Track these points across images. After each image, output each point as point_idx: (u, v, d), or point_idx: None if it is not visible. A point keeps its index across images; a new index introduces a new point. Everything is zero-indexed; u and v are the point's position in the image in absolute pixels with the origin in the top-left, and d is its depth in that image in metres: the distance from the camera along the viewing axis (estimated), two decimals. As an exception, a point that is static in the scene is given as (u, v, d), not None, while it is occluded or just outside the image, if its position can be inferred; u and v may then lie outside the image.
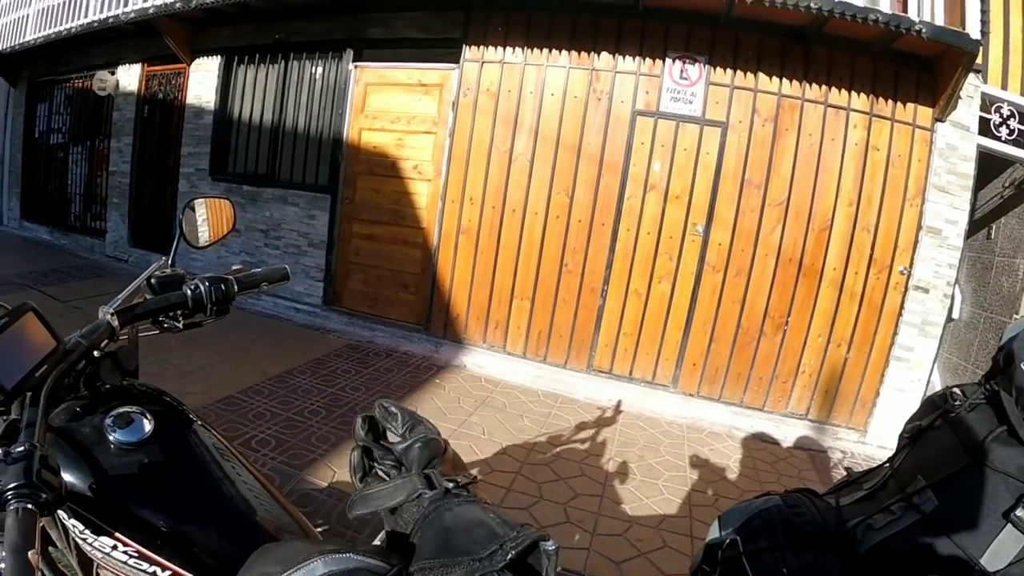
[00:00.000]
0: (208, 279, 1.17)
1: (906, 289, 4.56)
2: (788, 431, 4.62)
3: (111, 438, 0.92)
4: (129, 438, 0.93)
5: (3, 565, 0.59)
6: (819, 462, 4.21)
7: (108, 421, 0.94)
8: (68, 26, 7.51)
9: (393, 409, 0.73)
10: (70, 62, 8.33)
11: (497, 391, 4.67)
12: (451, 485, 0.63)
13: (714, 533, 1.23)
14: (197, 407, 3.81)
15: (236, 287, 1.21)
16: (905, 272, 4.56)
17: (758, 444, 4.39)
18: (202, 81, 6.67)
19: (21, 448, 0.69)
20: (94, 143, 8.30)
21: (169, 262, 1.21)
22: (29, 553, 0.59)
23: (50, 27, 7.89)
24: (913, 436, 1.22)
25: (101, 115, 8.02)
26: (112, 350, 1.06)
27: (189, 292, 1.14)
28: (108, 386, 1.04)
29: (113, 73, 7.69)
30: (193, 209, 1.37)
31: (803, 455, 4.30)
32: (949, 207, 4.43)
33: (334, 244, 5.95)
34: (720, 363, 4.91)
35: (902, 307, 4.58)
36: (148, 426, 0.95)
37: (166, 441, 0.97)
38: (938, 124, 4.42)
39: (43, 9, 8.10)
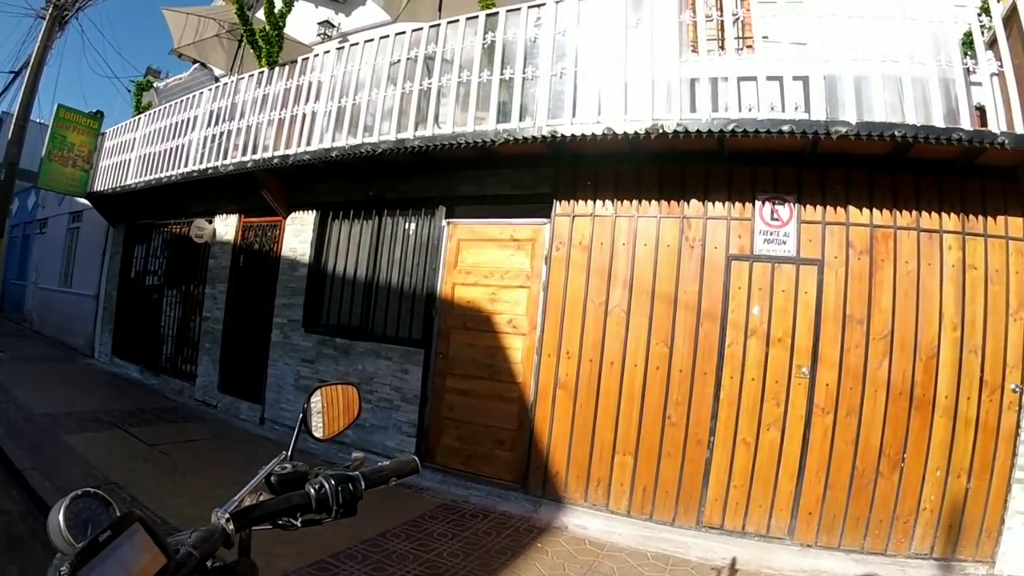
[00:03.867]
0: (334, 476, 1.09)
1: (1020, 407, 4.36)
2: (914, 573, 4.34)
3: None
4: None
5: None
6: None
7: None
8: (168, 173, 8.07)
9: None
10: (169, 207, 8.89)
11: (603, 555, 4.47)
12: None
13: None
14: (288, 571, 3.76)
15: (363, 484, 1.12)
16: (1018, 390, 4.36)
17: None
18: (297, 234, 7.01)
19: None
20: (189, 287, 8.70)
21: (289, 455, 1.12)
22: None
23: (151, 173, 8.47)
24: None
25: (197, 261, 8.44)
26: (229, 564, 0.97)
27: (313, 492, 1.06)
28: None
29: (211, 221, 8.15)
30: (316, 398, 1.27)
31: None
32: None
33: (427, 399, 5.97)
34: (837, 509, 4.65)
35: (1019, 426, 4.36)
36: None
37: None
38: None
39: (145, 155, 8.73)
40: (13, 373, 8.40)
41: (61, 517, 0.86)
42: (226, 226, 7.97)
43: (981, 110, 4.10)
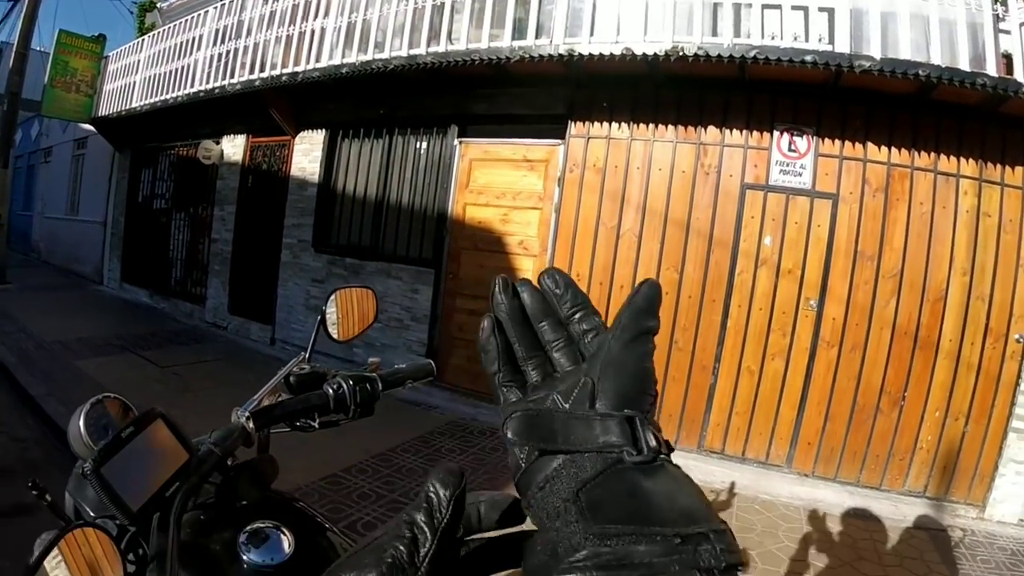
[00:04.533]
0: (352, 377, 1.08)
1: (1023, 357, 4.38)
2: (906, 510, 4.40)
3: (245, 558, 0.82)
4: (266, 559, 0.83)
5: None
6: (940, 542, 4.00)
7: (242, 538, 0.84)
8: (174, 95, 7.94)
9: (562, 282, 0.44)
10: (175, 130, 8.75)
11: (606, 471, 4.57)
12: (663, 450, 0.38)
13: None
14: (299, 485, 3.82)
15: (380, 385, 1.12)
16: (1022, 340, 4.38)
17: (876, 525, 4.18)
18: (307, 153, 6.94)
19: None
20: (197, 210, 8.65)
21: (307, 357, 1.11)
22: None
23: (157, 95, 8.34)
24: None
25: (205, 183, 8.36)
26: (250, 460, 0.98)
27: (331, 392, 1.05)
28: (245, 502, 0.94)
29: (218, 143, 8.06)
30: (334, 300, 1.26)
31: (923, 535, 4.08)
32: None
33: (437, 319, 6.00)
34: (836, 441, 4.73)
35: (1019, 376, 4.38)
36: (287, 547, 0.85)
37: (307, 563, 0.85)
38: None
39: (150, 77, 8.59)
40: (22, 303, 8.40)
41: (82, 423, 0.87)
42: (234, 147, 7.89)
43: (1008, 58, 3.99)
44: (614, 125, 5.18)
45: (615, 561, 0.31)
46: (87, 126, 10.99)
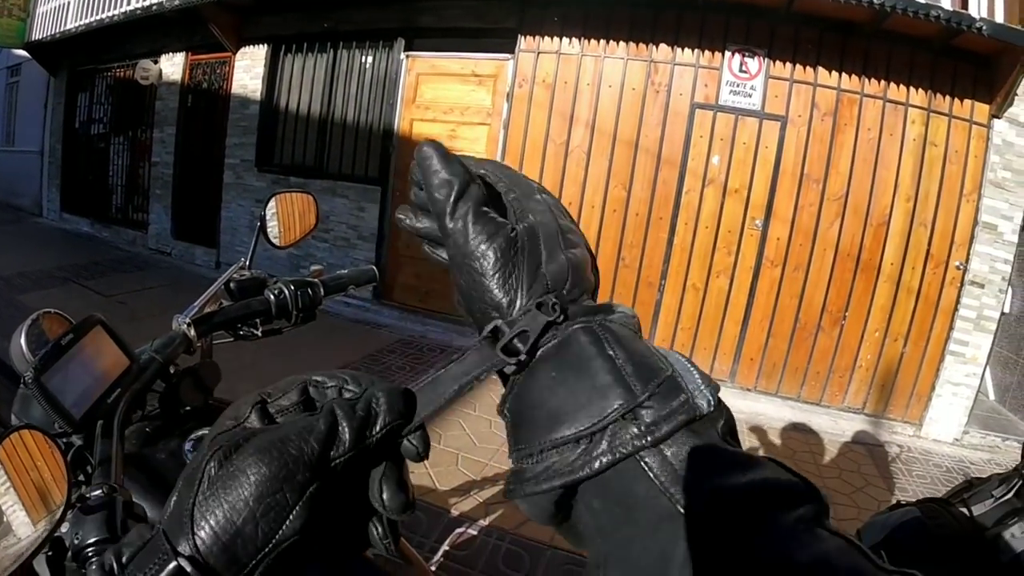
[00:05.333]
0: (293, 283, 1.07)
1: (962, 284, 4.53)
2: (845, 425, 4.58)
3: None
4: None
5: None
6: (877, 456, 4.17)
7: (187, 446, 0.85)
8: (109, 14, 7.51)
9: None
10: (111, 51, 8.28)
11: (553, 385, 4.62)
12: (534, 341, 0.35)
13: None
14: None
15: (322, 291, 1.12)
16: (961, 267, 4.51)
17: (816, 438, 4.34)
18: (248, 70, 6.64)
19: (99, 492, 0.59)
20: (136, 134, 8.29)
21: (247, 264, 1.10)
22: None
23: (91, 15, 7.88)
24: None
25: (143, 105, 7.99)
26: (192, 366, 0.97)
27: (272, 297, 1.04)
28: (188, 408, 0.94)
29: (156, 62, 7.67)
30: (273, 206, 1.24)
31: (861, 449, 4.26)
32: (1005, 203, 4.39)
33: (384, 237, 5.92)
34: (778, 357, 4.86)
35: (958, 302, 4.54)
36: None
37: None
38: (995, 121, 4.37)
39: (85, -4, 8.10)
40: (-43, 240, 8.03)
41: (23, 340, 0.83)
42: (173, 66, 7.50)
43: (963, -8, 4.01)
44: (565, 40, 5.05)
45: (535, 476, 0.31)
46: (21, 52, 10.34)
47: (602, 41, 4.96)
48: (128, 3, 7.22)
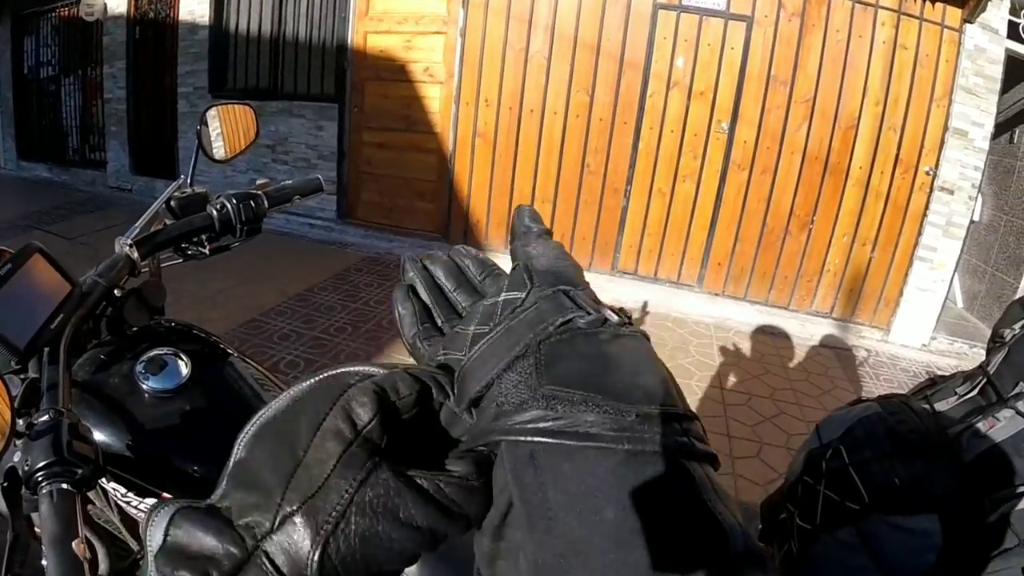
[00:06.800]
0: (235, 196, 1.06)
1: (931, 190, 4.50)
2: (813, 329, 4.62)
3: (145, 387, 0.82)
4: (165, 385, 0.83)
5: (45, 562, 0.49)
6: (844, 359, 4.23)
7: (139, 368, 0.84)
8: (46, -51, 7.16)
9: (472, 253, 0.44)
10: (53, -11, 7.97)
11: (521, 295, 4.60)
12: (613, 315, 0.34)
13: (813, 443, 1.19)
14: (219, 334, 3.77)
15: (267, 203, 1.11)
16: (931, 173, 4.48)
17: (784, 342, 4.40)
18: (195, -6, 6.37)
19: (46, 417, 0.58)
20: (86, 72, 7.99)
21: (188, 181, 1.08)
22: (74, 544, 0.49)
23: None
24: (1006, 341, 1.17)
25: (91, 42, 7.69)
26: (135, 287, 0.95)
27: (215, 212, 1.04)
28: (135, 328, 0.92)
29: (100, -4, 7.35)
30: (211, 119, 1.20)
31: (828, 352, 4.32)
32: (976, 109, 4.33)
33: (345, 155, 5.79)
34: (745, 262, 4.88)
35: (927, 208, 4.52)
36: (184, 369, 0.85)
37: (205, 383, 0.86)
38: (967, 25, 4.27)
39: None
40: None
41: None
42: (118, -2, 7.20)
43: None
44: (520, -60, 4.85)
45: (558, 428, 0.27)
46: (-41, -2, 9.91)
47: (559, -61, 4.77)
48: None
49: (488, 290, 0.39)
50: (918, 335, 4.57)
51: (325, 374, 0.31)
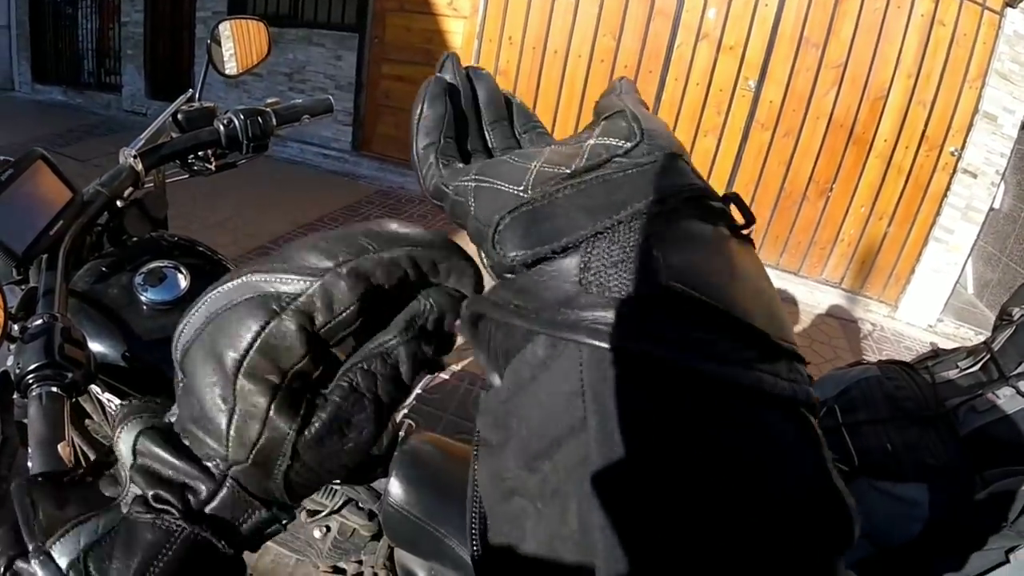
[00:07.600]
0: (243, 111, 1.03)
1: (954, 171, 4.42)
2: (821, 297, 4.60)
3: (143, 298, 0.82)
4: (163, 296, 0.82)
5: (30, 463, 0.48)
6: (849, 331, 4.21)
7: (138, 279, 0.83)
8: None
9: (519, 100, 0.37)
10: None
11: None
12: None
13: None
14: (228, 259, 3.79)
15: (275, 119, 1.08)
16: (956, 154, 4.39)
17: (791, 307, 4.38)
18: (217, -87, 6.26)
19: (39, 321, 0.57)
20: (103, -7, 7.94)
21: (196, 95, 1.06)
22: (59, 446, 0.48)
23: None
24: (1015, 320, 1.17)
25: (109, -38, 7.61)
26: (138, 198, 0.95)
27: (222, 127, 1.02)
28: (135, 239, 0.93)
29: (120, -86, 7.25)
30: (223, 34, 1.17)
31: (834, 322, 4.30)
32: (1008, 95, 4.21)
33: (363, 86, 5.74)
34: (760, 223, 4.81)
35: (948, 189, 4.44)
36: (184, 282, 0.84)
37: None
38: (1008, 10, 4.13)
39: None
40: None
41: None
42: (138, -84, 7.10)
43: None
44: None
45: (709, 366, 0.20)
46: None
47: None
48: None
49: (529, 147, 0.33)
50: (925, 315, 4.51)
51: (242, 279, 0.26)
